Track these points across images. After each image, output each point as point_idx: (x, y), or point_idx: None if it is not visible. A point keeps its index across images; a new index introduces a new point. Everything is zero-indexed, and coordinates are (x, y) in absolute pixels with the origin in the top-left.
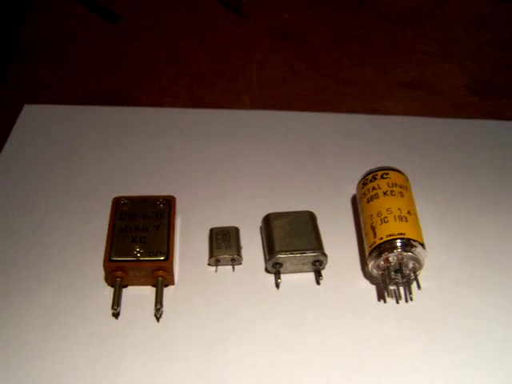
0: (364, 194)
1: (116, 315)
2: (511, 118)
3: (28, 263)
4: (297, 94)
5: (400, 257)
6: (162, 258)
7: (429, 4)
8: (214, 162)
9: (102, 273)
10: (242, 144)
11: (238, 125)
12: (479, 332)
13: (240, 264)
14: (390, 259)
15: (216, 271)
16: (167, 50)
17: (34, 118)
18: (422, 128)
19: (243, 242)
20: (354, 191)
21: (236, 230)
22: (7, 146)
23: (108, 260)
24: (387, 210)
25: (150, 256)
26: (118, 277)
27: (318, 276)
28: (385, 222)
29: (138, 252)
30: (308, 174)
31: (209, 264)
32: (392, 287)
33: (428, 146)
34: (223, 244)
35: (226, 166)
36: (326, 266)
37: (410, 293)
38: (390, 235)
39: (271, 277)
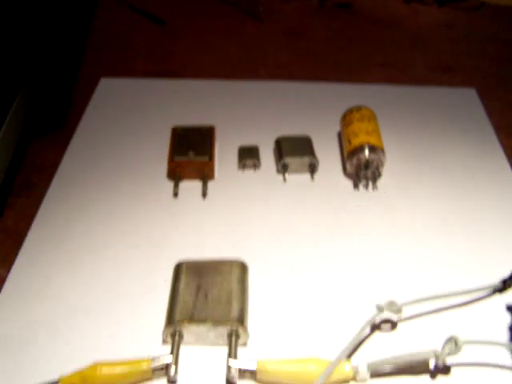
0: (344, 122)
1: (176, 195)
2: (455, 86)
3: (110, 172)
4: (300, 71)
5: (367, 156)
6: (206, 159)
7: (402, 12)
8: (242, 105)
9: (165, 170)
10: (259, 95)
11: (256, 90)
12: (423, 211)
13: (259, 168)
14: (361, 156)
15: (243, 172)
16: (202, 44)
17: (110, 90)
18: (393, 91)
19: (261, 155)
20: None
21: (257, 147)
22: (90, 107)
23: (171, 160)
24: (359, 129)
25: (199, 156)
26: (177, 170)
27: (312, 173)
28: (357, 136)
29: (191, 155)
30: (311, 118)
31: (238, 168)
32: (363, 182)
33: (396, 101)
34: (248, 155)
35: (248, 108)
36: (318, 169)
37: (375, 183)
38: (360, 143)
39: (280, 176)
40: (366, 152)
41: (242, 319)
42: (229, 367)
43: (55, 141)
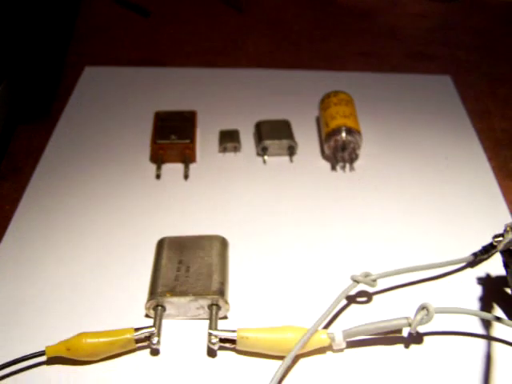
0: (322, 106)
1: (158, 177)
2: (429, 73)
3: (93, 155)
4: (281, 60)
5: (344, 138)
6: (188, 141)
7: (380, 3)
8: (223, 92)
9: (148, 154)
10: (240, 82)
11: (237, 78)
12: (398, 191)
13: (239, 151)
14: (338, 138)
15: (224, 155)
16: (185, 34)
17: (94, 78)
18: (370, 78)
19: (242, 138)
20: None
21: (237, 131)
22: (75, 92)
23: (154, 143)
24: (336, 112)
25: (180, 139)
26: (160, 153)
27: (291, 155)
28: (334, 119)
29: (173, 138)
30: (291, 104)
31: (219, 151)
32: (340, 164)
33: (373, 88)
34: (229, 139)
35: (229, 95)
36: (297, 152)
37: (352, 165)
38: (337, 125)
39: (260, 158)
40: (343, 134)
41: (222, 291)
42: (209, 334)
43: (40, 127)
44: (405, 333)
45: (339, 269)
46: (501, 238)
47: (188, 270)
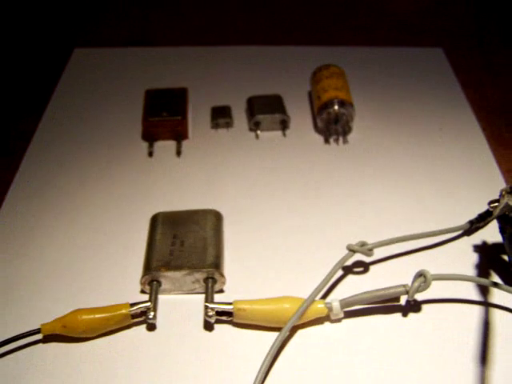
0: (313, 80)
1: (150, 154)
2: (421, 46)
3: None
4: (268, 37)
5: (336, 110)
6: (179, 118)
7: None
8: (214, 69)
9: (140, 132)
10: (230, 59)
11: (228, 55)
12: (392, 162)
13: (232, 127)
14: (330, 111)
15: (216, 131)
16: (174, 15)
17: (84, 59)
18: (362, 52)
19: (233, 114)
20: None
21: (229, 107)
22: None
23: (145, 120)
24: (328, 85)
25: (172, 116)
26: (151, 130)
27: (284, 130)
28: (326, 92)
29: (165, 115)
30: (282, 79)
31: (211, 127)
32: (333, 136)
33: (365, 62)
34: (220, 115)
35: (220, 72)
36: (290, 127)
37: (345, 137)
38: (329, 98)
39: (252, 134)
40: (336, 106)
41: (217, 264)
42: (205, 307)
43: (30, 109)
44: (402, 301)
45: (335, 240)
46: (496, 204)
47: (182, 244)
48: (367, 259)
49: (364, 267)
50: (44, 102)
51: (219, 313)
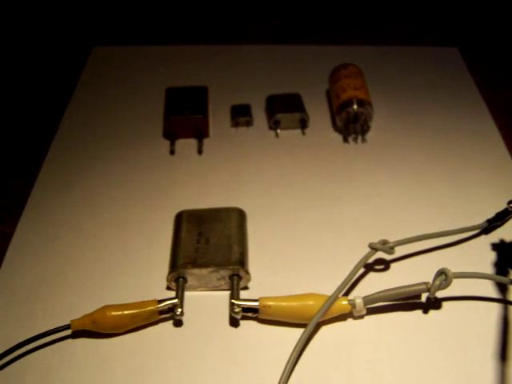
0: (332, 79)
1: (172, 153)
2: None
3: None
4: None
5: (355, 109)
6: (201, 116)
7: None
8: (233, 68)
9: (161, 130)
10: (249, 58)
11: (246, 54)
12: (411, 161)
13: (252, 125)
14: (349, 110)
15: (236, 129)
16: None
17: (103, 58)
18: (378, 51)
19: (253, 113)
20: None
21: (249, 105)
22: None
23: (167, 119)
24: (347, 84)
25: (193, 114)
26: (173, 129)
27: (303, 128)
28: (345, 91)
29: (186, 113)
30: (300, 78)
31: (231, 125)
32: (352, 135)
33: (380, 61)
34: (241, 113)
35: (239, 71)
36: (309, 125)
37: (364, 136)
38: (348, 97)
39: (272, 132)
40: (355, 106)
41: (242, 262)
42: (232, 304)
43: (51, 109)
44: (423, 298)
45: (354, 238)
46: None
47: (208, 241)
48: (388, 257)
49: (385, 265)
50: (64, 101)
51: (245, 309)
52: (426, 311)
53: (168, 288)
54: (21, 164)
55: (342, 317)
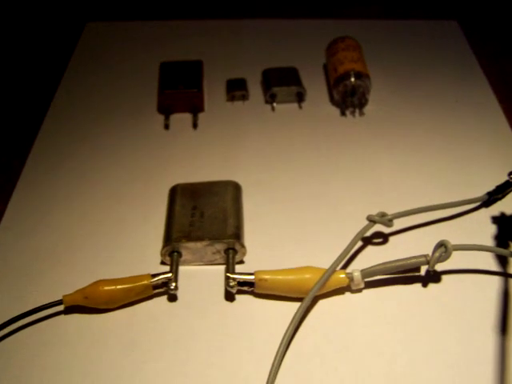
0: (329, 52)
1: (167, 127)
2: (437, 18)
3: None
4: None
5: (353, 82)
6: (195, 90)
7: None
8: (228, 42)
9: (155, 105)
10: (245, 32)
11: (242, 28)
12: (409, 134)
13: (247, 100)
14: (347, 83)
15: (232, 104)
16: None
17: (96, 34)
18: (376, 25)
19: (249, 87)
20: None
21: (244, 79)
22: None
23: (161, 93)
24: (344, 57)
25: (188, 88)
26: (167, 103)
27: (300, 102)
28: (342, 64)
29: (181, 87)
30: (297, 52)
31: (227, 99)
32: (350, 109)
33: (379, 35)
34: (236, 87)
35: (235, 46)
36: (306, 99)
37: (361, 110)
38: (345, 70)
39: (268, 106)
40: (352, 78)
41: (238, 235)
42: (227, 277)
43: (44, 85)
44: (422, 271)
45: (352, 211)
46: None
47: (202, 215)
48: (386, 230)
49: (383, 238)
50: (58, 77)
51: (241, 283)
52: (425, 285)
53: (162, 263)
54: (12, 140)
55: (339, 290)
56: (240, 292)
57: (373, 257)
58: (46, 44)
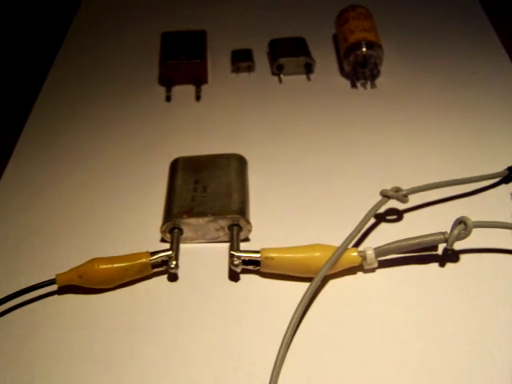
0: (339, 22)
1: (168, 99)
2: None
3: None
4: None
5: (364, 52)
6: (198, 61)
7: None
8: (232, 11)
9: (157, 77)
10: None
11: None
12: (424, 107)
13: (253, 71)
14: (358, 53)
15: (237, 75)
16: None
17: (95, 3)
18: None
19: (255, 58)
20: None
21: (250, 50)
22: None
23: (163, 64)
24: (355, 26)
25: (190, 59)
26: (169, 74)
27: (308, 74)
28: (353, 33)
29: (183, 58)
30: (305, 21)
31: (232, 71)
32: (361, 81)
33: (392, 4)
34: (242, 58)
35: (239, 14)
36: (314, 71)
37: (373, 81)
38: (356, 39)
39: (275, 78)
40: (364, 48)
41: (243, 211)
42: (231, 255)
43: (41, 56)
44: (440, 250)
45: (364, 186)
46: None
47: (205, 189)
48: (401, 206)
49: (398, 215)
50: (55, 48)
51: (246, 262)
52: (442, 264)
53: (163, 240)
54: (7, 112)
55: (351, 270)
56: (245, 271)
57: (387, 234)
58: (45, 14)
